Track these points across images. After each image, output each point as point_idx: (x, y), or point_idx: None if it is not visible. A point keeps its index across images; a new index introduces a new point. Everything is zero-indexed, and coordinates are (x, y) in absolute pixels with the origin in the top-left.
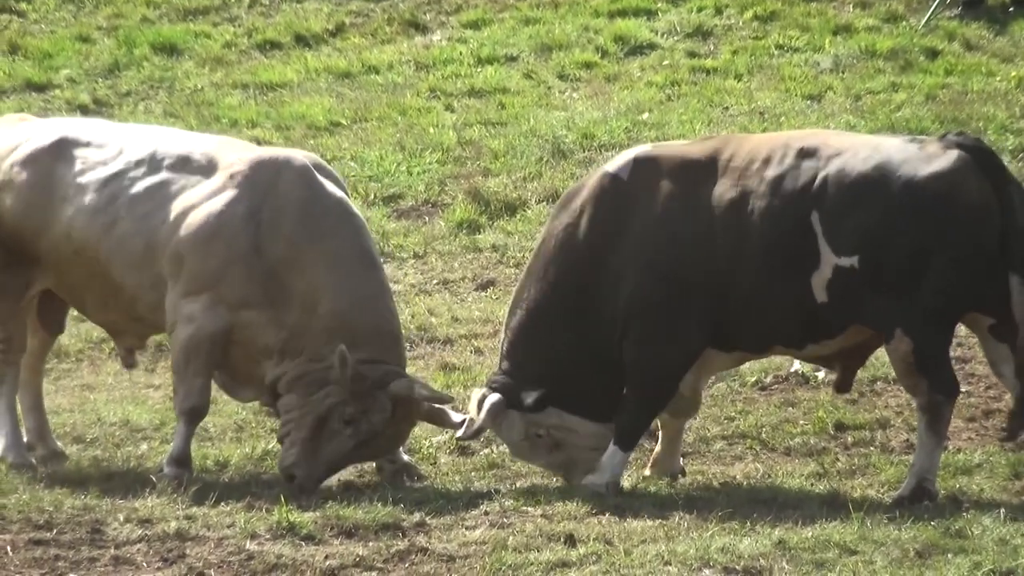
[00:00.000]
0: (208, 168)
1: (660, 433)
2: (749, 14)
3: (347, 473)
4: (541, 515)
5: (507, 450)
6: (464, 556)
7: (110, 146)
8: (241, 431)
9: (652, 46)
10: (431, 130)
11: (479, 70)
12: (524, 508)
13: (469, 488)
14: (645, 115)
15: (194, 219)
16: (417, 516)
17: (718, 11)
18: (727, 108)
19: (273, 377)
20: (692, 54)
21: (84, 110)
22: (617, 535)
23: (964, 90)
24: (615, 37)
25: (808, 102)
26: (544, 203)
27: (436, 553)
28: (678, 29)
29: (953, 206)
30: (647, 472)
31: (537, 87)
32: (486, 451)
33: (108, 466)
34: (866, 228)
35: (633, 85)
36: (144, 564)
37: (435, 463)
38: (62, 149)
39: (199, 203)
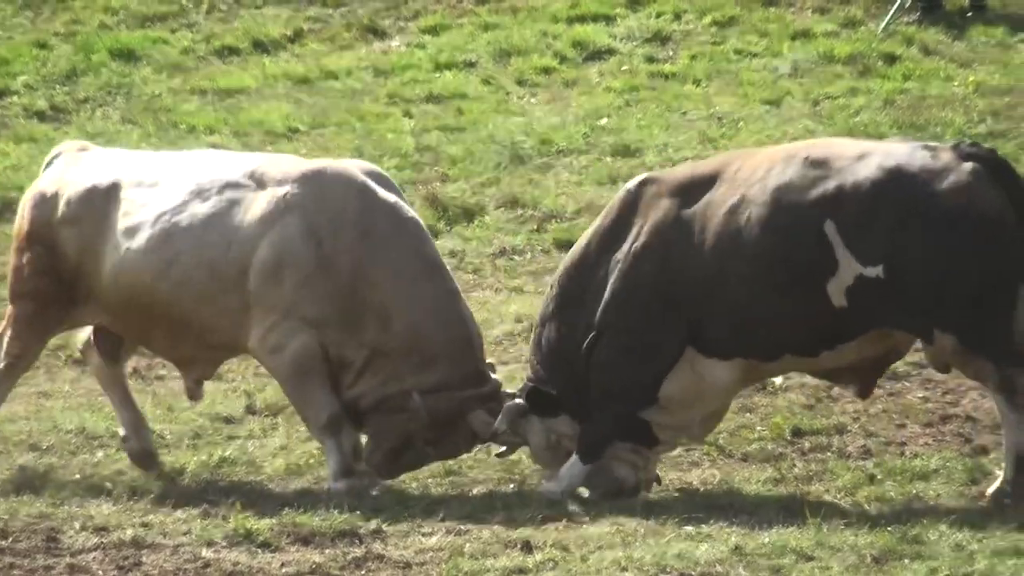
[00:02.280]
0: (256, 188)
1: None
2: (708, 19)
3: (304, 481)
4: (498, 522)
5: (463, 457)
6: (420, 563)
7: (161, 183)
8: (198, 438)
9: (611, 51)
10: (389, 136)
11: (438, 76)
12: (481, 515)
13: (426, 495)
14: (603, 120)
15: (258, 254)
16: (374, 523)
17: (677, 17)
18: (685, 113)
19: (352, 397)
20: (651, 59)
21: (41, 117)
22: (574, 541)
23: (922, 95)
24: (574, 42)
25: (767, 107)
26: (502, 208)
27: (392, 560)
28: (637, 34)
29: (971, 218)
30: None
31: (496, 93)
32: None
33: (64, 474)
34: (890, 238)
35: (592, 90)
36: (100, 572)
37: None
38: (116, 191)
39: (256, 230)
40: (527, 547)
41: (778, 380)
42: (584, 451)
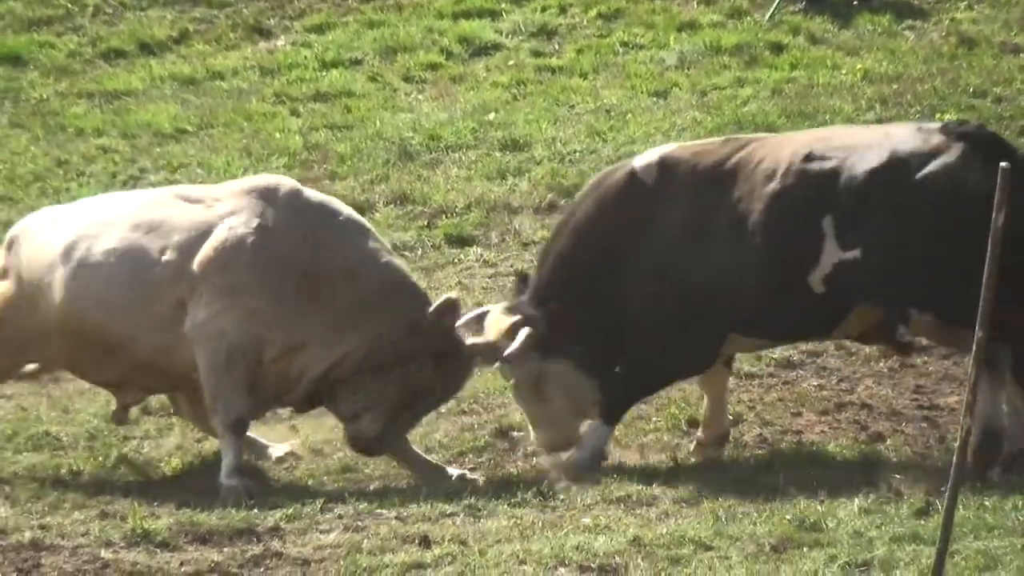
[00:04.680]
0: (196, 204)
1: (705, 396)
2: (593, 12)
3: (201, 480)
4: (395, 517)
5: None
6: (319, 560)
7: (75, 217)
8: (94, 440)
9: (497, 46)
10: (277, 135)
11: (324, 74)
12: (378, 511)
13: (323, 491)
14: (491, 115)
15: (206, 246)
16: (271, 521)
17: (562, 10)
18: (573, 107)
19: (327, 366)
20: (537, 53)
21: None
22: (472, 535)
23: (810, 83)
24: (460, 38)
25: (654, 99)
26: (392, 205)
27: (291, 557)
28: (523, 29)
29: (956, 201)
30: (700, 435)
31: (382, 90)
32: (340, 455)
33: None
34: (872, 223)
35: (479, 86)
36: None
37: (288, 467)
38: (41, 229)
39: (202, 232)
40: (425, 542)
41: None
42: (609, 414)
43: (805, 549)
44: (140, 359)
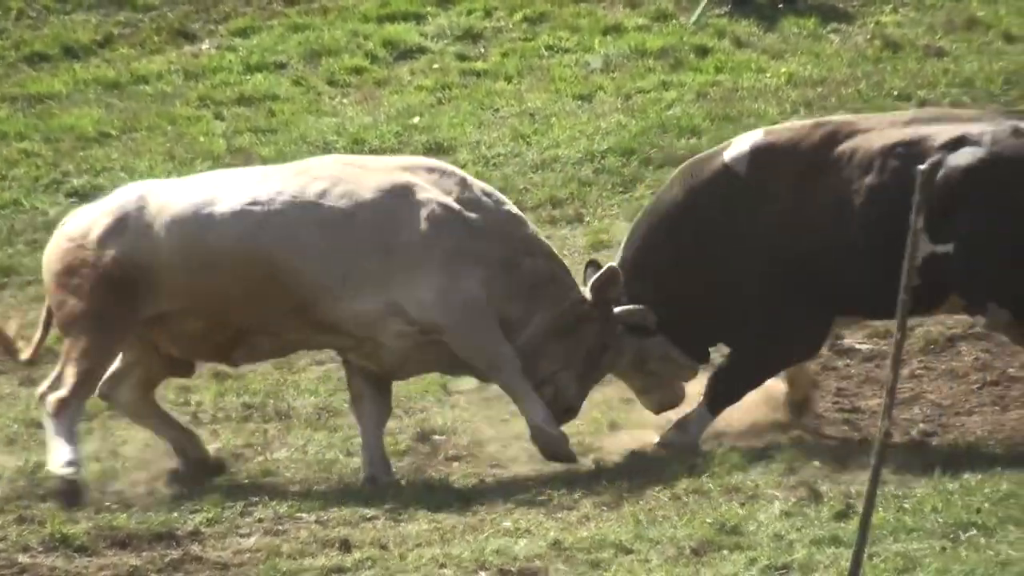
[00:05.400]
0: (372, 171)
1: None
2: (518, 16)
3: (119, 484)
4: (315, 521)
5: (280, 456)
6: (239, 564)
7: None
8: (12, 444)
9: (422, 50)
10: (201, 139)
11: (248, 78)
12: (298, 514)
13: (243, 495)
14: (416, 119)
15: (421, 220)
16: (191, 525)
17: (487, 14)
18: (498, 110)
19: (526, 338)
20: (462, 57)
21: None
22: (392, 539)
23: (735, 87)
24: (384, 42)
25: (579, 102)
26: None
27: (211, 561)
28: (447, 33)
29: None
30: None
31: (307, 93)
32: (260, 459)
33: None
34: (962, 219)
35: (403, 89)
36: None
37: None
38: (157, 190)
39: (397, 199)
40: (345, 546)
41: None
42: (715, 403)
43: (725, 552)
44: (305, 307)
